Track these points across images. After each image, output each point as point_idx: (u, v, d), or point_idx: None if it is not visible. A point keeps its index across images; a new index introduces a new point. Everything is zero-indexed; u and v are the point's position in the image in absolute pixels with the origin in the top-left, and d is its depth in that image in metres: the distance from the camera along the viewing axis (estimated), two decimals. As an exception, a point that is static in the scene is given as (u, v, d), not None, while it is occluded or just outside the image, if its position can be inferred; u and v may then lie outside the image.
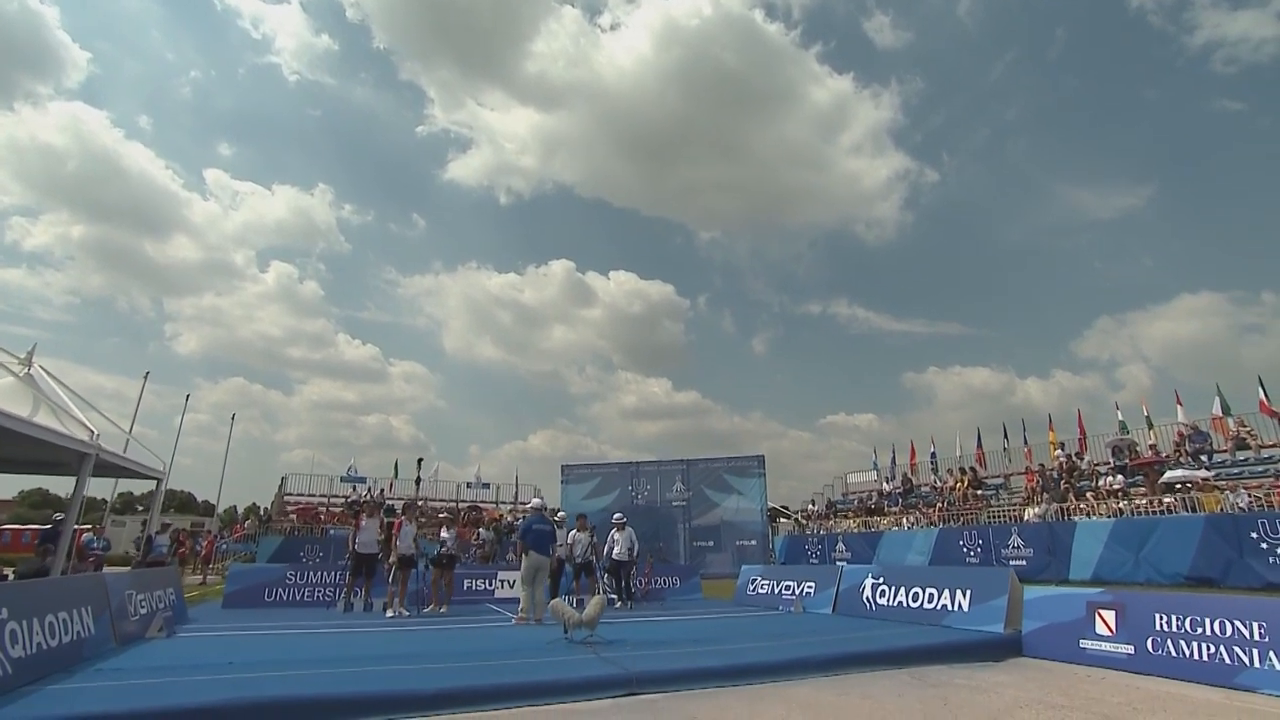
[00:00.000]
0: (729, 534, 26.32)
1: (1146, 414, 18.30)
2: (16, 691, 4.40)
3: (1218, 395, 16.74)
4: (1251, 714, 4.39)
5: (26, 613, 4.89)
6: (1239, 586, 12.19)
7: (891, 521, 21.63)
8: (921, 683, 5.45)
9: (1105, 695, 4.91)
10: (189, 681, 4.72)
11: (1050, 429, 20.31)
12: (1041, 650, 6.49)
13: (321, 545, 23.14)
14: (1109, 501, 15.56)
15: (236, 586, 10.67)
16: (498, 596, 12.05)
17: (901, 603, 8.34)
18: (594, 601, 7.03)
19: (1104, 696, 4.87)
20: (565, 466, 28.60)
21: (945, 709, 4.54)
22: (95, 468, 9.92)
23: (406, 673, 5.16)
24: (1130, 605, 6.07)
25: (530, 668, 5.43)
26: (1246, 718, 4.32)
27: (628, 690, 5.03)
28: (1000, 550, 16.44)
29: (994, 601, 7.19)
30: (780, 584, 10.89)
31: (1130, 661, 5.77)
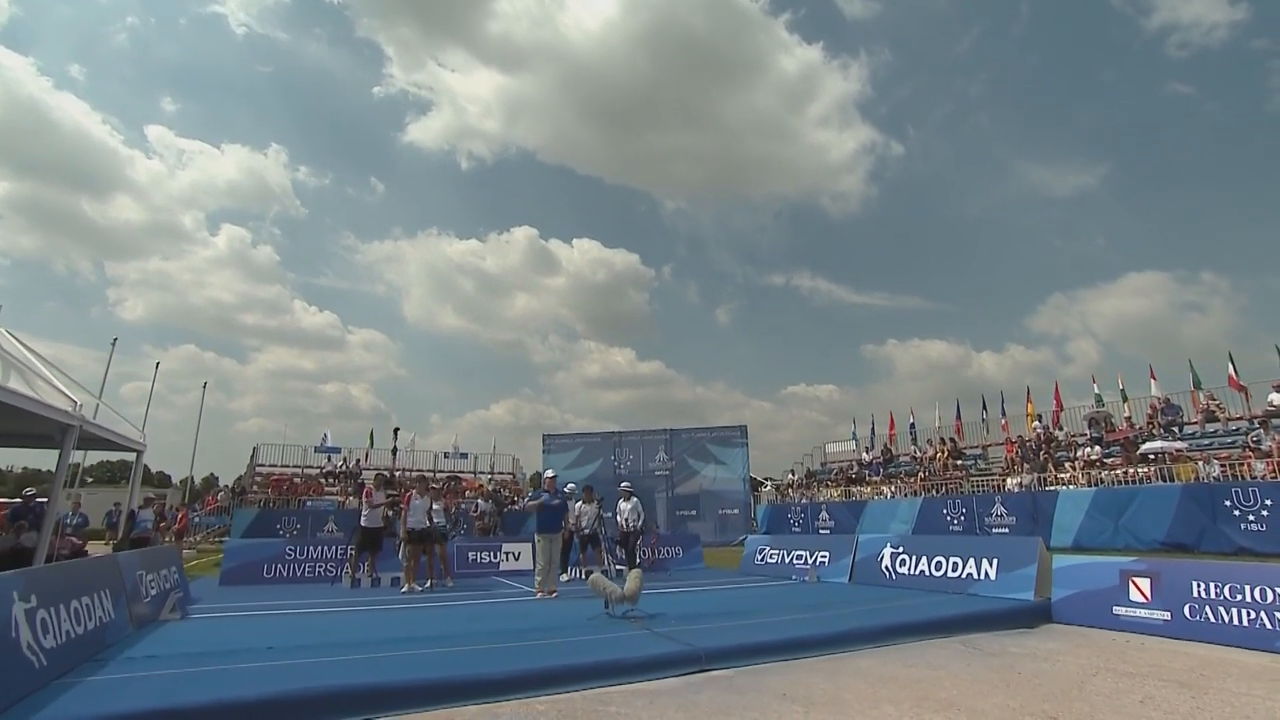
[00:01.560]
0: (709, 503, 26.63)
1: (1122, 387, 19.03)
2: (55, 685, 4.06)
3: (1190, 370, 17.48)
4: (1310, 678, 4.56)
5: (54, 599, 4.51)
6: (1212, 551, 12.88)
7: (873, 491, 22.16)
8: (979, 651, 5.53)
9: (1165, 661, 5.04)
10: (237, 671, 4.43)
11: (1028, 401, 20.99)
12: (1073, 617, 6.67)
13: (299, 518, 22.52)
14: (1088, 472, 16.19)
15: (234, 563, 10.22)
16: (503, 569, 11.89)
17: (924, 571, 8.49)
18: (633, 575, 6.92)
19: (1165, 663, 5.00)
20: (547, 436, 28.40)
21: (1021, 679, 4.59)
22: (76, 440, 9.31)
23: (469, 655, 4.96)
24: (1165, 573, 6.25)
25: (592, 645, 5.30)
26: (1308, 681, 4.48)
27: (698, 667, 4.94)
28: (984, 519, 17.01)
29: (1023, 570, 7.35)
30: (791, 553, 11.00)
31: (1167, 627, 5.96)
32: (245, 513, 22.08)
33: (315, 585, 10.23)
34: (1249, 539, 12.50)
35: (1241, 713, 3.81)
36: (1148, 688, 4.31)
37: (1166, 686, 4.35)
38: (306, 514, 22.68)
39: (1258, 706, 3.90)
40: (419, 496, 9.43)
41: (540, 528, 9.01)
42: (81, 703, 3.70)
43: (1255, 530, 12.45)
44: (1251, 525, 12.55)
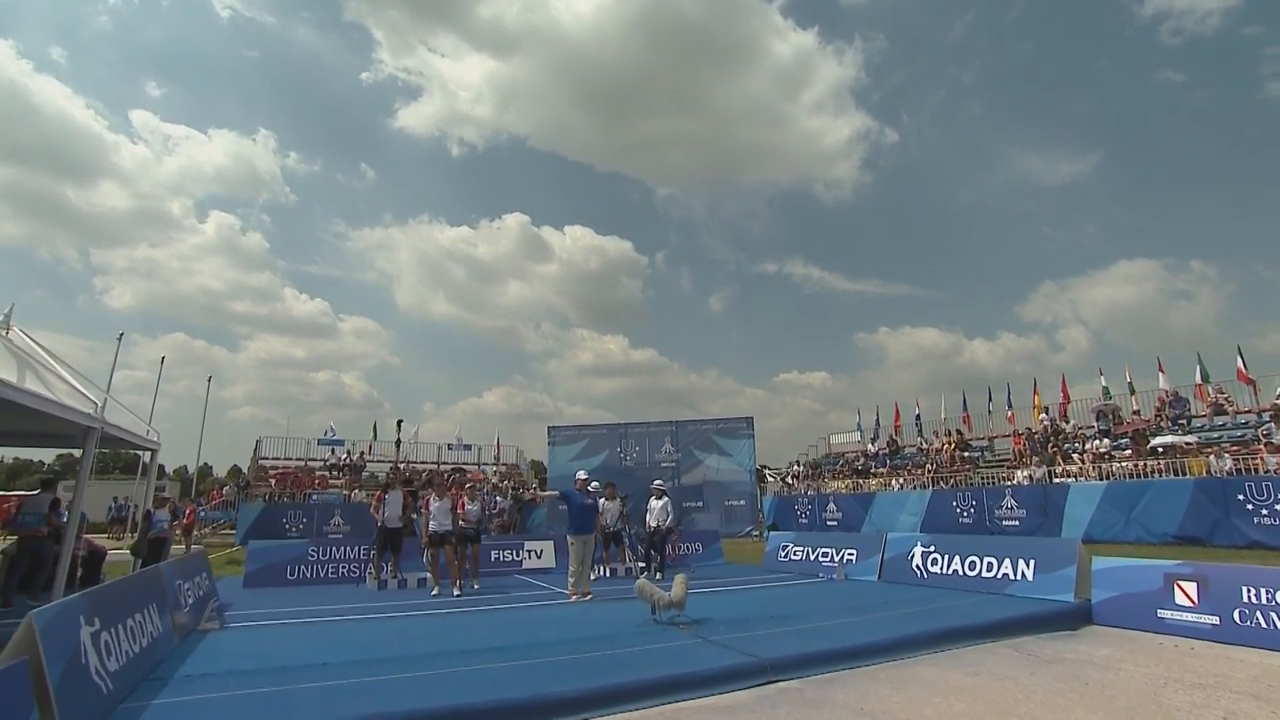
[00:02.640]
0: (715, 493, 26.67)
1: (1129, 380, 19.15)
2: (122, 710, 3.97)
3: (1198, 363, 17.60)
4: (1378, 687, 4.58)
5: (113, 619, 4.40)
6: (1224, 545, 13.04)
7: (880, 483, 22.27)
8: (1034, 658, 5.53)
9: (1227, 670, 5.06)
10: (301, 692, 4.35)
11: (1035, 393, 21.10)
12: (1115, 619, 6.70)
13: (304, 511, 22.38)
14: (1099, 465, 16.31)
15: (257, 565, 10.09)
16: (526, 567, 11.83)
17: (957, 571, 8.51)
18: (678, 581, 6.87)
19: (1228, 672, 5.01)
20: (552, 428, 28.33)
21: (1091, 691, 4.58)
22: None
23: (537, 669, 4.90)
24: (1213, 577, 6.27)
25: (656, 657, 5.25)
26: (1377, 691, 4.50)
27: (766, 679, 4.91)
28: (994, 511, 17.14)
29: (1062, 571, 7.38)
30: (816, 550, 11.01)
31: (1216, 632, 5.98)
32: (251, 507, 21.90)
33: (339, 586, 10.14)
34: (1262, 533, 12.65)
35: (1327, 728, 3.82)
36: (1224, 701, 4.32)
37: (1240, 699, 4.36)
38: (312, 508, 22.53)
39: (1342, 722, 3.91)
40: (438, 499, 9.36)
41: (573, 529, 8.95)
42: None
43: (1269, 524, 12.60)
44: (1265, 519, 12.70)
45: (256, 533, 21.02)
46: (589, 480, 9.38)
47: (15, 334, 9.69)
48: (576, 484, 9.38)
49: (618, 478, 27.03)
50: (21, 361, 8.47)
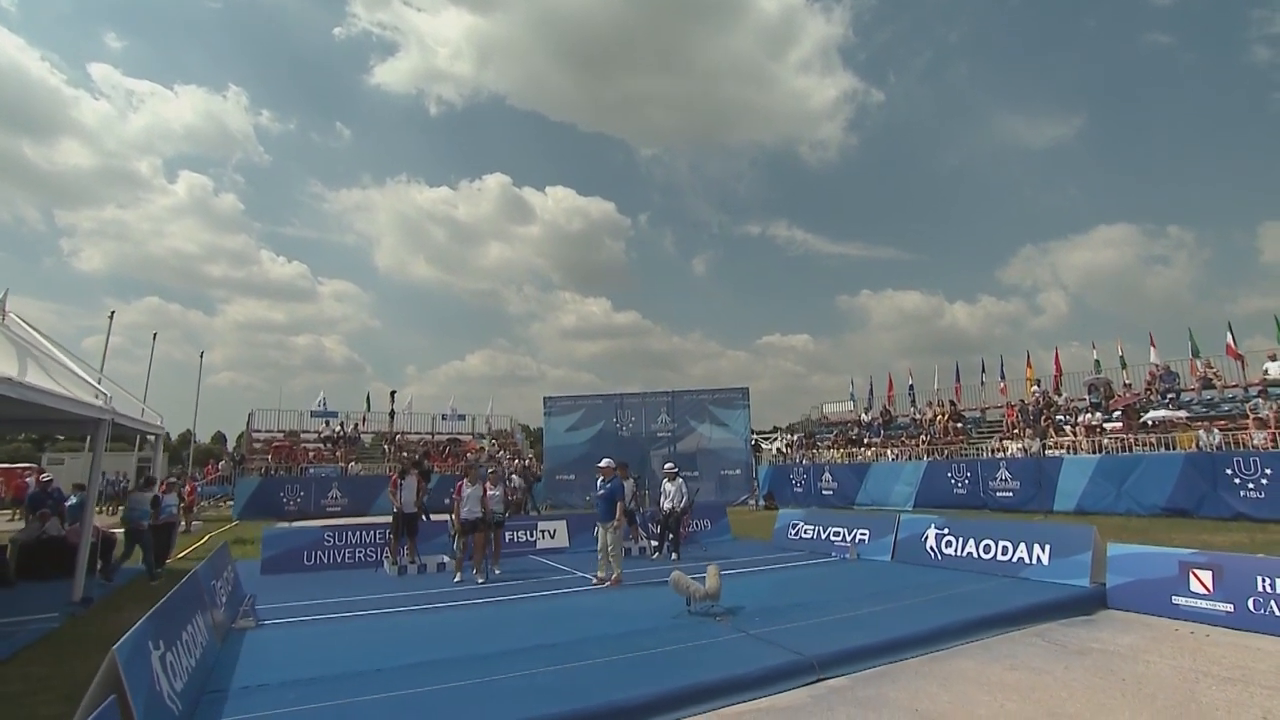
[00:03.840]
0: (709, 462, 27.00)
1: (1121, 354, 19.55)
2: (197, 729, 3.96)
3: (1189, 339, 18.00)
4: (1395, 679, 4.84)
5: (172, 637, 4.36)
6: (1211, 517, 13.57)
7: (875, 453, 22.69)
8: (1063, 648, 5.75)
9: (1250, 662, 5.29)
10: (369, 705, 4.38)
11: (1028, 365, 21.48)
12: (1130, 604, 6.96)
13: (301, 485, 22.33)
14: (1091, 438, 16.75)
15: (274, 551, 10.06)
16: (540, 547, 11.94)
17: (971, 554, 8.76)
18: (711, 573, 6.99)
19: (1250, 664, 5.25)
20: (548, 399, 28.30)
21: (1128, 687, 4.78)
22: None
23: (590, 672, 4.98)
24: (1229, 566, 6.52)
25: (706, 655, 5.36)
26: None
27: (815, 676, 5.04)
28: (988, 483, 17.60)
29: (1078, 556, 7.62)
30: (827, 529, 11.25)
31: (1231, 619, 6.25)
32: (247, 481, 21.78)
33: (358, 571, 10.16)
34: (1247, 505, 13.18)
35: (1361, 727, 4.03)
36: (1258, 699, 4.53)
37: (1274, 696, 4.57)
38: (309, 481, 22.49)
39: (1373, 720, 4.13)
40: (469, 485, 9.32)
41: (599, 517, 9.03)
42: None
43: (1254, 497, 13.11)
44: (1251, 492, 13.21)
45: (254, 507, 21.00)
46: (612, 466, 9.38)
47: (12, 319, 9.37)
48: (600, 472, 9.39)
49: (614, 447, 27.33)
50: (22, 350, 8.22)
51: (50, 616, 7.50)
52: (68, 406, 7.23)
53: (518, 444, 31.25)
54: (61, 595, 8.29)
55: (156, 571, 9.91)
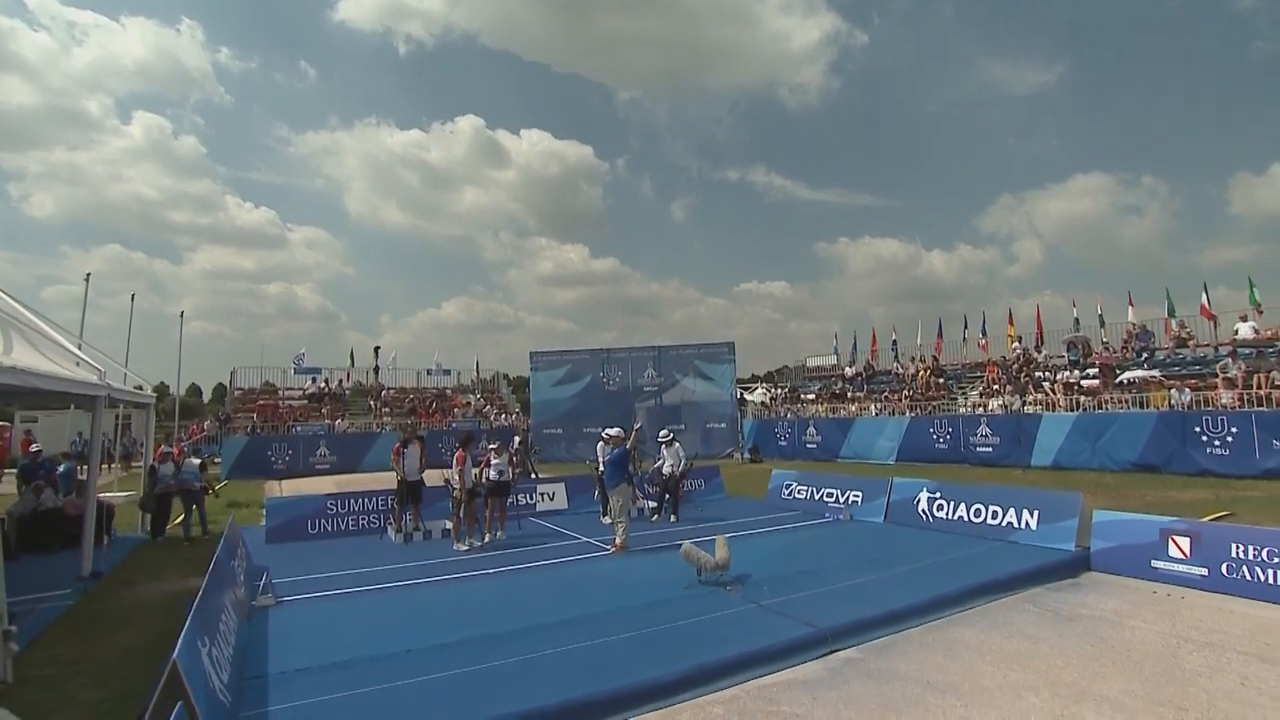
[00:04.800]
0: (694, 415, 27.44)
1: (1100, 313, 20.02)
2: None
3: (1166, 298, 18.48)
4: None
5: (213, 631, 4.45)
6: (1178, 472, 14.28)
7: (859, 407, 23.22)
8: (1055, 614, 6.14)
9: (1222, 625, 5.72)
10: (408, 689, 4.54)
11: (1010, 323, 21.92)
12: (1111, 567, 7.41)
13: (289, 444, 22.24)
14: (1069, 396, 17.32)
15: (278, 520, 10.13)
16: (540, 509, 12.18)
17: (962, 517, 9.17)
18: (720, 542, 7.24)
19: (1223, 626, 5.68)
20: (534, 354, 28.28)
21: (1117, 655, 5.15)
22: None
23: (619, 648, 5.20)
24: (1205, 533, 6.95)
25: (723, 628, 5.61)
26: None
27: (828, 648, 5.34)
28: (969, 439, 18.21)
29: (1065, 522, 8.04)
30: (821, 490, 11.63)
31: (1204, 582, 6.70)
32: (234, 442, 21.61)
33: (362, 539, 10.29)
34: (1212, 462, 13.88)
35: (1329, 693, 4.43)
36: (1235, 664, 4.92)
37: (1249, 661, 4.97)
38: (296, 440, 22.40)
39: (1340, 685, 4.53)
40: (496, 456, 9.55)
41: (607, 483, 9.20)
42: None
43: (1219, 454, 13.80)
44: (1216, 450, 13.89)
45: (242, 467, 20.93)
46: (619, 433, 9.50)
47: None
48: (610, 440, 9.53)
49: (600, 401, 27.66)
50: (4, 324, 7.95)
51: (63, 593, 7.53)
52: (68, 388, 7.08)
53: (503, 399, 31.32)
54: (67, 569, 8.29)
55: (190, 536, 10.76)
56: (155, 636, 6.18)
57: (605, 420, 27.11)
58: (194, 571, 8.81)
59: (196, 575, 8.53)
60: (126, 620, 6.76)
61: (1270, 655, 5.09)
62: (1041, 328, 21.12)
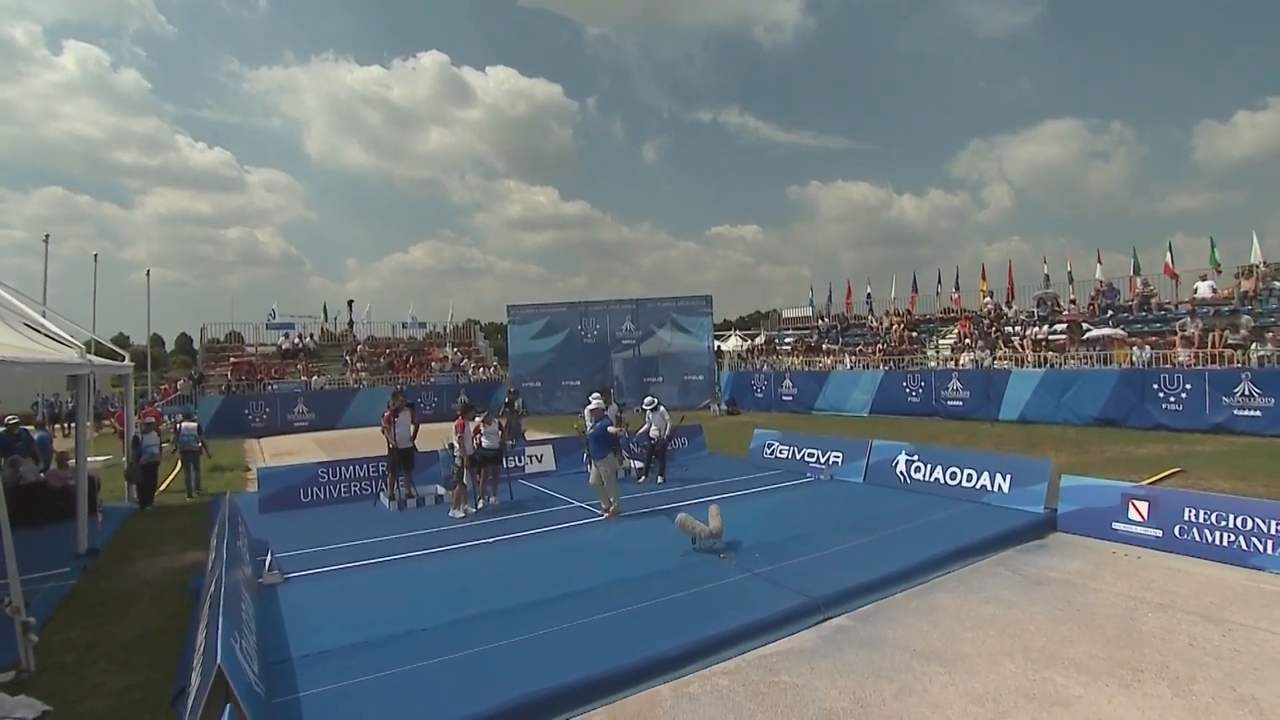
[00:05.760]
0: (671, 367, 27.80)
1: (1069, 268, 20.56)
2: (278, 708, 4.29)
3: (1133, 256, 19.03)
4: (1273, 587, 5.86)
5: (240, 622, 4.59)
6: (1135, 426, 15.10)
7: (834, 360, 23.73)
8: (1026, 578, 6.63)
9: (1174, 585, 6.26)
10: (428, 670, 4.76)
11: (983, 279, 22.38)
12: (1076, 528, 7.96)
13: (266, 402, 21.98)
14: (1037, 352, 17.97)
15: (270, 490, 10.17)
16: (529, 472, 12.41)
17: (938, 479, 9.66)
18: (713, 511, 7.56)
19: (1175, 587, 6.21)
20: (511, 307, 28.04)
21: (1082, 617, 5.63)
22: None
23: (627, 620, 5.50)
24: (1162, 498, 7.49)
25: (720, 600, 5.94)
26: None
27: (821, 617, 5.72)
28: (940, 392, 18.86)
29: (1035, 486, 8.55)
30: (802, 450, 12.06)
31: (1158, 542, 7.27)
32: (209, 401, 21.27)
33: (355, 506, 10.42)
34: (1167, 417, 14.70)
35: (1269, 651, 4.95)
36: (1184, 625, 5.43)
37: (1195, 622, 5.49)
38: (273, 398, 22.13)
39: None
40: (486, 424, 9.65)
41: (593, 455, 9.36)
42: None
43: (1174, 410, 14.61)
44: (1171, 405, 14.69)
45: (219, 426, 20.68)
46: (599, 408, 9.63)
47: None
48: (591, 415, 9.65)
49: (579, 354, 27.78)
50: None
51: (62, 572, 7.56)
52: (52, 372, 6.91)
53: (480, 351, 31.18)
54: (59, 546, 8.27)
55: (192, 493, 11.72)
56: (167, 618, 6.32)
57: (584, 373, 27.45)
58: (190, 545, 8.90)
59: (194, 549, 8.67)
60: (134, 600, 6.85)
61: (1214, 614, 5.63)
62: (1013, 283, 21.67)
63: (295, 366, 24.62)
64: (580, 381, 27.44)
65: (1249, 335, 14.80)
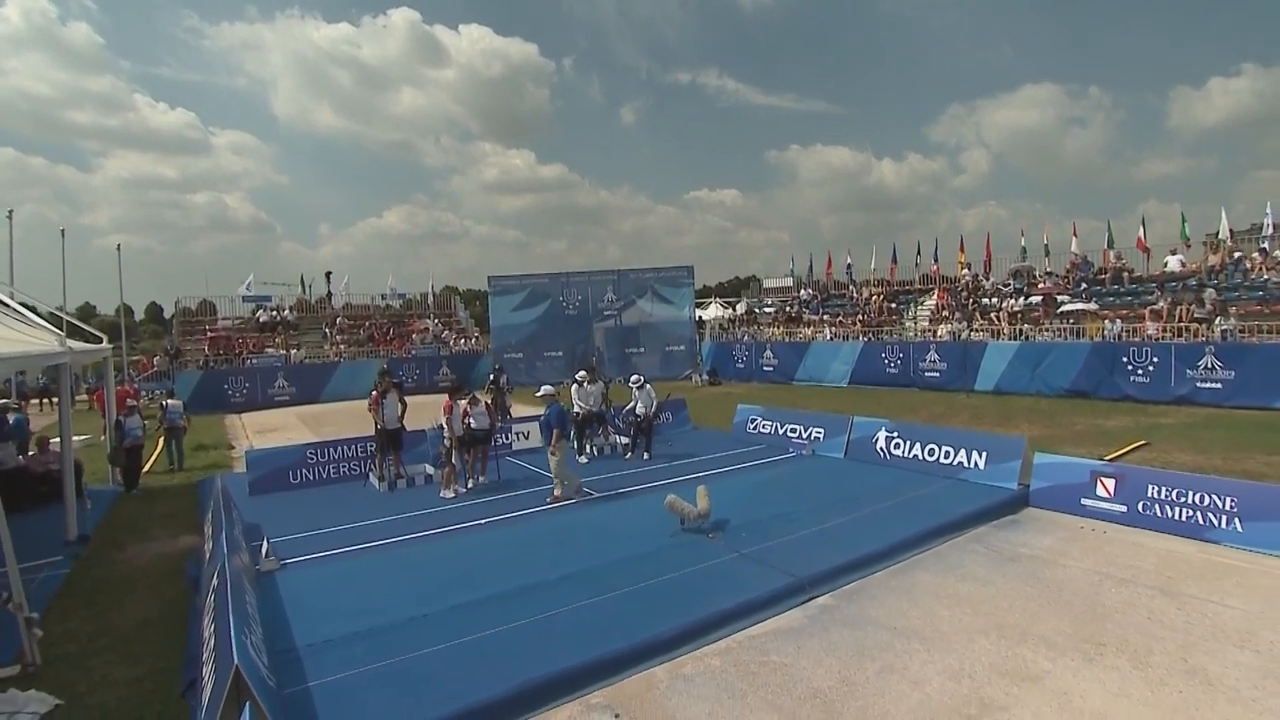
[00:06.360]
0: (653, 338, 27.92)
1: (1045, 242, 20.89)
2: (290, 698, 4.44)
3: (1107, 231, 19.38)
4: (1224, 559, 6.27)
5: (248, 618, 4.69)
6: (1104, 398, 15.63)
7: (814, 331, 24.02)
8: (999, 555, 6.97)
9: (1136, 560, 6.65)
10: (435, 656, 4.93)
11: (961, 250, 22.66)
12: (1048, 503, 8.33)
13: (245, 376, 21.70)
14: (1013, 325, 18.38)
15: (259, 472, 10.16)
16: (516, 449, 12.54)
17: (917, 456, 9.99)
18: (701, 492, 7.78)
19: (1136, 561, 6.60)
20: (493, 278, 27.76)
21: (1050, 593, 5.98)
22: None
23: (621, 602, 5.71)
24: (1128, 475, 7.87)
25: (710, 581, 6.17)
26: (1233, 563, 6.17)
27: (807, 596, 6.00)
28: (918, 363, 19.26)
29: (1009, 463, 8.90)
30: (784, 426, 12.33)
31: (1123, 517, 7.67)
32: (187, 377, 20.93)
33: (345, 487, 10.48)
34: (1134, 389, 15.24)
35: (1218, 624, 5.32)
36: (1143, 599, 5.80)
37: (1153, 596, 5.86)
38: (253, 372, 21.85)
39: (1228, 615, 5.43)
40: (473, 405, 9.72)
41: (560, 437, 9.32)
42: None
43: (1141, 382, 15.14)
44: (1138, 378, 15.21)
45: (198, 402, 20.38)
46: (551, 395, 9.66)
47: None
48: (547, 400, 9.63)
49: (560, 325, 27.73)
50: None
51: (54, 560, 7.56)
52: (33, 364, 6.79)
53: (461, 322, 30.94)
54: (46, 532, 8.24)
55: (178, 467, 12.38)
56: (166, 606, 6.40)
57: (566, 343, 27.48)
58: (181, 529, 8.92)
59: (185, 533, 8.71)
60: (130, 588, 6.91)
61: (1171, 588, 6.02)
62: (990, 255, 22.00)
63: (274, 340, 24.25)
64: (562, 352, 27.48)
65: (1214, 309, 15.30)
